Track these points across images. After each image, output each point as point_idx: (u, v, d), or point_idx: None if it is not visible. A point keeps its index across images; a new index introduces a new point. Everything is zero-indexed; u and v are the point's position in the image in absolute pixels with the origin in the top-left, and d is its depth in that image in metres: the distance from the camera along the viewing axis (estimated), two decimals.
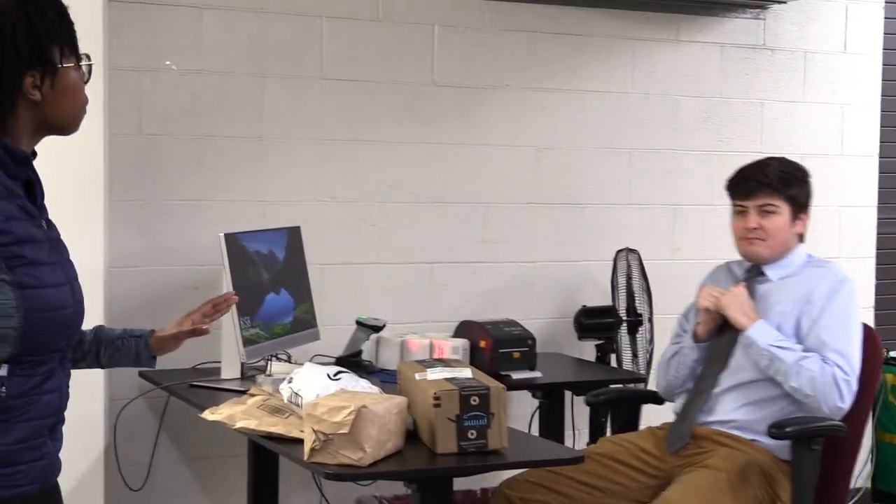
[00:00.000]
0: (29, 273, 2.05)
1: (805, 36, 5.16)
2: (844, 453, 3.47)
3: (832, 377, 3.36)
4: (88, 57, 2.20)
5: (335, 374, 3.11)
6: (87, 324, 2.61)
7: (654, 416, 3.89)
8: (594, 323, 4.55)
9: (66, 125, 2.19)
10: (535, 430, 4.29)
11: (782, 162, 3.67)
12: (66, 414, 3.67)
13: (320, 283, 4.27)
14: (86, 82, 2.20)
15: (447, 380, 2.96)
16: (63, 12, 2.15)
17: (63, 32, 2.13)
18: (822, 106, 5.21)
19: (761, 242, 3.57)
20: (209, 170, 4.20)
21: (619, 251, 4.61)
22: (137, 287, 4.08)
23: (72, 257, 3.55)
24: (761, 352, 3.43)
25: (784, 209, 3.58)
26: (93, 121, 3.67)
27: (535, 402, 4.30)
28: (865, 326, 3.58)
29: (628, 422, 3.83)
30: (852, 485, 5.22)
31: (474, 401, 2.87)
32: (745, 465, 3.34)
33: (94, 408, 3.74)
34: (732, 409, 3.49)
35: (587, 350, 4.66)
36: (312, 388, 3.05)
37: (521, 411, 4.41)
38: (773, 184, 3.57)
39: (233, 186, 4.23)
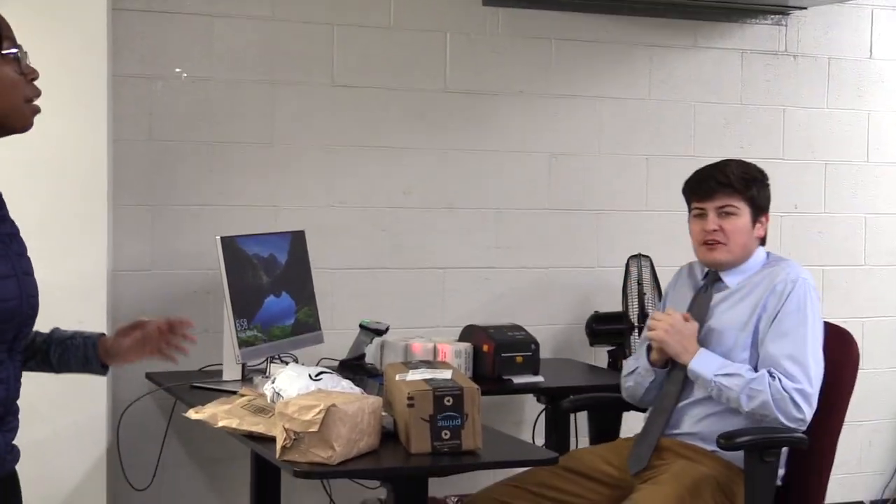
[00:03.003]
0: None
1: (829, 42, 5.12)
2: (814, 462, 3.39)
3: (783, 391, 3.27)
4: (20, 48, 2.19)
5: (317, 375, 3.15)
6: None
7: (636, 422, 3.82)
8: (605, 329, 4.54)
9: (3, 121, 2.19)
10: (539, 435, 4.30)
11: (741, 163, 3.57)
12: (71, 414, 3.76)
13: (329, 287, 4.33)
14: (25, 75, 2.19)
15: (425, 380, 2.99)
16: None
17: None
18: (847, 112, 5.16)
19: (721, 247, 3.47)
20: (219, 175, 4.26)
21: (632, 257, 4.60)
22: (146, 291, 4.15)
23: (73, 261, 3.65)
24: (708, 383, 3.37)
25: (744, 211, 3.48)
26: (96, 127, 3.80)
27: (540, 407, 4.31)
28: (832, 326, 3.49)
29: (608, 429, 3.77)
30: (880, 496, 5.20)
31: (448, 401, 2.89)
32: (698, 479, 3.27)
33: (97, 408, 3.81)
34: (695, 422, 3.44)
35: (602, 356, 4.66)
36: (293, 388, 3.09)
37: (527, 416, 4.42)
38: (733, 184, 3.47)
39: (243, 192, 4.29)
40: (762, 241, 3.56)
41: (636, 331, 4.52)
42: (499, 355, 4.07)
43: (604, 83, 4.78)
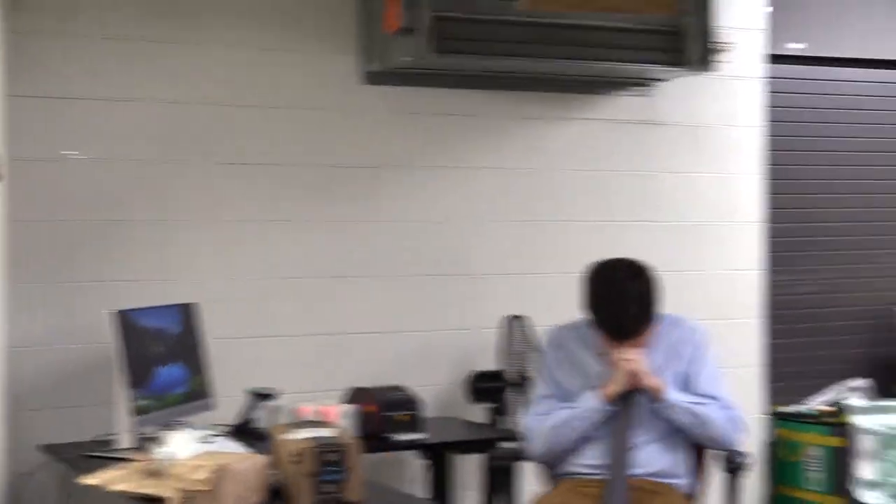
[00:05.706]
0: None
1: (691, 111, 5.43)
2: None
3: (735, 418, 3.82)
4: None
5: (207, 438, 3.34)
6: None
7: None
8: (485, 387, 4.78)
9: None
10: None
11: (640, 293, 3.83)
12: None
13: (221, 356, 4.48)
14: None
15: (309, 438, 3.19)
16: None
17: None
18: (709, 176, 5.49)
19: None
20: (115, 252, 4.44)
21: (507, 318, 4.85)
22: (43, 366, 4.30)
23: None
24: (682, 410, 3.78)
25: None
26: None
27: (425, 464, 4.52)
28: None
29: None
30: None
31: (330, 457, 3.11)
32: None
33: None
34: (656, 459, 3.80)
35: (482, 413, 4.88)
36: (185, 451, 3.27)
37: (411, 473, 4.63)
38: (641, 322, 3.83)
39: (137, 267, 4.47)
40: None
41: (513, 388, 4.76)
42: (382, 415, 4.29)
43: (480, 155, 5.05)
